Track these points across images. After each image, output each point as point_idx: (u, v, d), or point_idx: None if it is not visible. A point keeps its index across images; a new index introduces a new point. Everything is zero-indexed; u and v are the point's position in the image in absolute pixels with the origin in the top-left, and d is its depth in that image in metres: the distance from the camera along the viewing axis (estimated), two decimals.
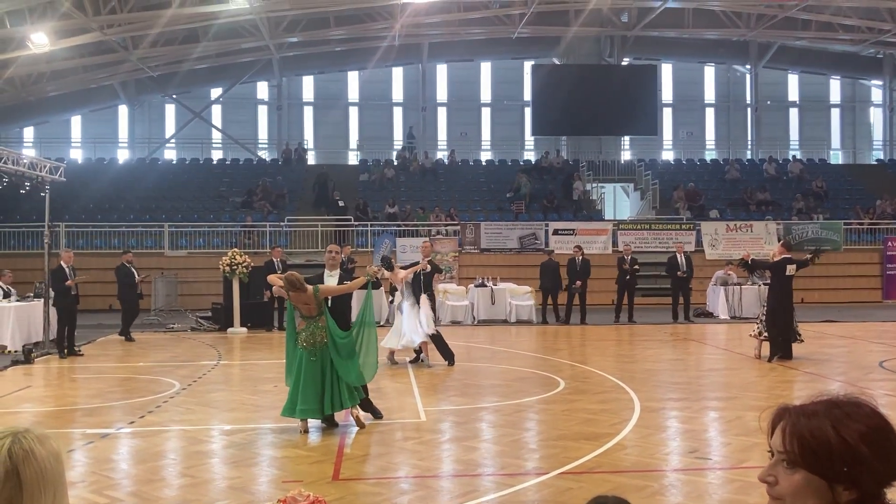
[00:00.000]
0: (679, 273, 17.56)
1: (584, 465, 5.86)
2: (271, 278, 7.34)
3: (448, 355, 10.87)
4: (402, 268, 11.33)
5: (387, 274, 10.82)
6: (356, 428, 7.06)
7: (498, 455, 6.29)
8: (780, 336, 10.64)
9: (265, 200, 26.07)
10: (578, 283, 16.81)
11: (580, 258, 17.86)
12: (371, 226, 23.91)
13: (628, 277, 17.46)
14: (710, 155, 33.50)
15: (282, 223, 23.76)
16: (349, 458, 6.10)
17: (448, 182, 28.85)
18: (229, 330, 16.22)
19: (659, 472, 5.76)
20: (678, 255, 17.90)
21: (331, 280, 7.50)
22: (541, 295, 17.88)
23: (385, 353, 11.30)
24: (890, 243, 23.24)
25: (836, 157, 34.07)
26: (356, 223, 24.06)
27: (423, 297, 10.78)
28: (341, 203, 25.48)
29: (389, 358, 11.17)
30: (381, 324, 17.11)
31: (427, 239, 18.18)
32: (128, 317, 14.76)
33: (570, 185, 26.88)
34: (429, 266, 11.06)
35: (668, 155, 33.68)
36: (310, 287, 6.91)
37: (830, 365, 11.14)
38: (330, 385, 6.89)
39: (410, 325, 10.65)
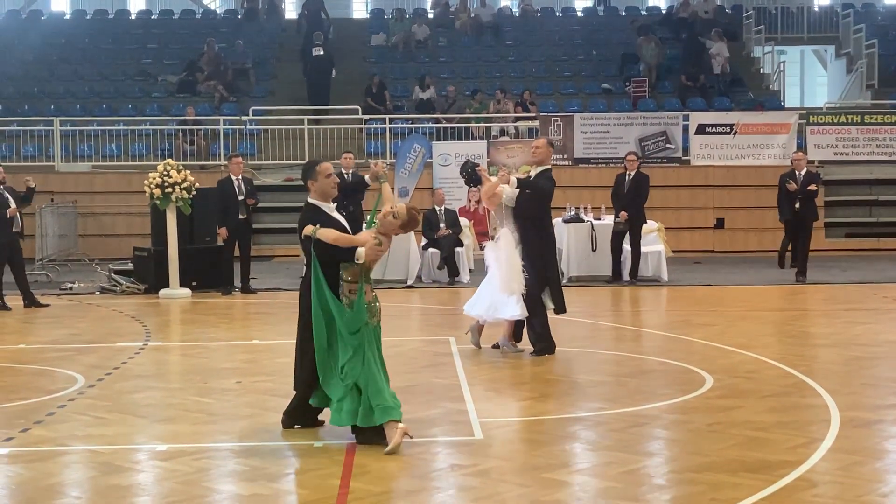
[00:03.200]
0: None
1: None
2: (329, 233, 7.36)
3: (541, 337, 11.03)
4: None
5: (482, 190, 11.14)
6: (379, 446, 7.24)
7: (602, 496, 6.36)
8: None
9: (216, 80, 26.31)
10: (624, 215, 16.89)
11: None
12: (390, 122, 23.98)
13: (798, 206, 17.37)
14: None
15: (244, 118, 24.01)
16: (360, 500, 6.25)
17: (519, 47, 28.68)
18: (162, 292, 16.61)
19: None
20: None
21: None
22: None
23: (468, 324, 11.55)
24: None
25: None
26: (366, 117, 24.17)
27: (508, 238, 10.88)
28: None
29: (474, 333, 11.41)
30: (410, 284, 17.37)
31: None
32: None
33: (701, 50, 26.42)
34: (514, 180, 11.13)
35: None
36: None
37: None
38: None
39: (505, 283, 10.79)
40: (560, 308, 11.23)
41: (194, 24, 30.52)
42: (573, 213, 18.27)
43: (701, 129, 22.77)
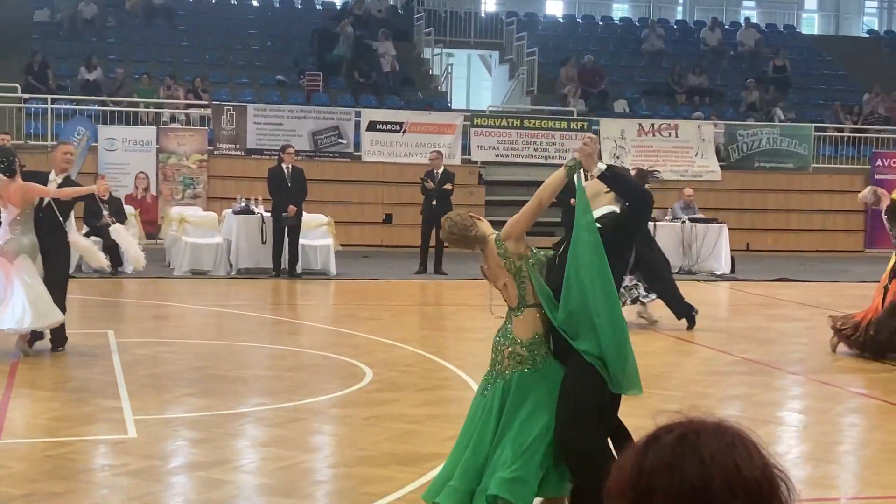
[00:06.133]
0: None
1: None
2: None
3: None
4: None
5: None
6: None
7: (257, 493, 6.38)
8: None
9: None
10: (293, 209, 17.12)
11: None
12: (53, 102, 22.91)
13: (434, 203, 18.13)
14: (619, 12, 34.87)
15: None
16: None
17: (193, 33, 28.13)
18: None
19: None
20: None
21: None
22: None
23: None
24: (880, 161, 25.35)
25: (811, 24, 36.63)
26: (26, 96, 22.97)
27: None
28: None
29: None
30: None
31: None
32: None
33: (367, 49, 26.90)
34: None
35: (554, 8, 34.63)
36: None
37: (776, 349, 12.15)
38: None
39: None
40: None
41: None
42: (244, 204, 18.14)
43: (372, 126, 23.15)
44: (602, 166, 5.62)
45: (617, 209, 5.75)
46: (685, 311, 12.65)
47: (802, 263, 20.78)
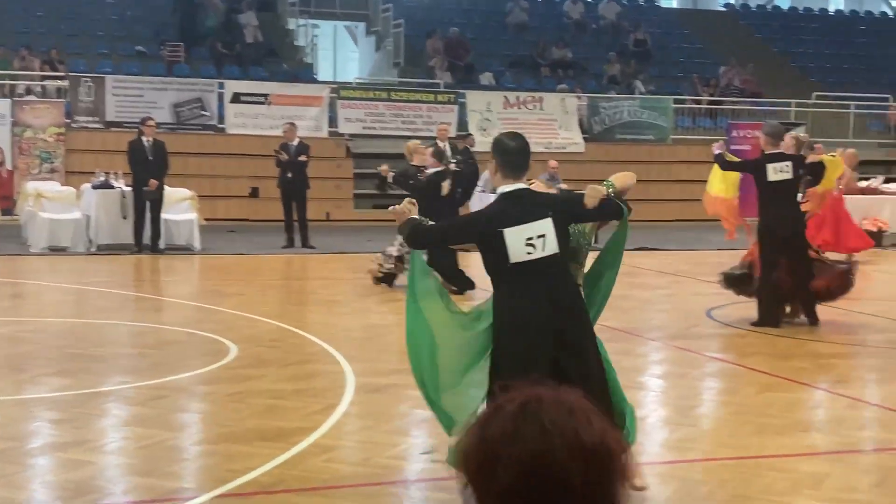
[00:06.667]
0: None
1: (259, 482, 6.04)
2: None
3: None
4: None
5: None
6: None
7: (121, 472, 6.28)
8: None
9: None
10: (154, 183, 16.83)
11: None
12: None
13: (290, 175, 18.06)
14: None
15: None
16: None
17: (48, 2, 27.25)
18: None
19: (378, 485, 6.14)
20: (440, 144, 18.69)
21: None
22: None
23: None
24: (736, 132, 26.04)
25: None
26: None
27: None
28: None
29: None
30: None
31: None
32: None
33: (229, 19, 26.55)
34: None
35: None
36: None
37: (637, 316, 12.44)
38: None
39: None
40: None
41: None
42: (103, 179, 17.73)
43: (236, 98, 22.84)
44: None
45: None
46: None
47: (663, 233, 21.26)
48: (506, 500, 1.85)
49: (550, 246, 5.52)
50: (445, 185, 13.28)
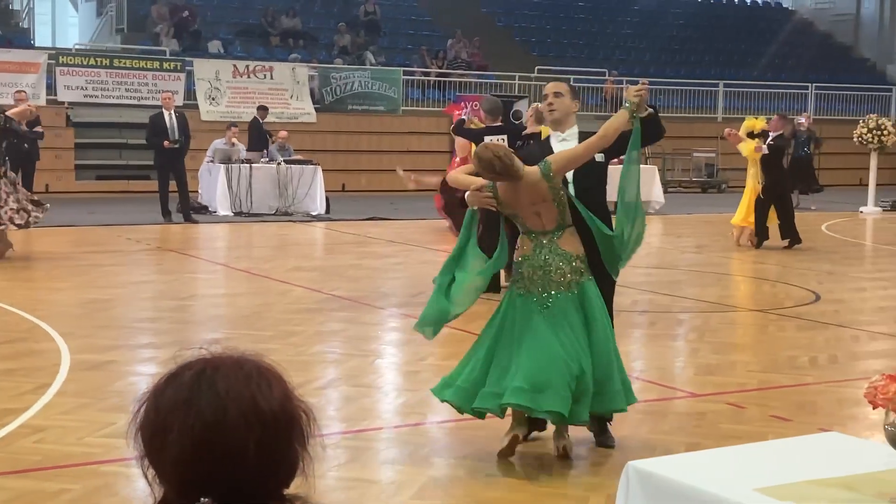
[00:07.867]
0: (167, 143, 17.82)
1: None
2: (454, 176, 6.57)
3: None
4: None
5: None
6: None
7: None
8: None
9: None
10: None
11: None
12: None
13: (27, 147, 17.37)
14: None
15: None
16: None
17: None
18: None
19: (91, 464, 5.92)
20: (166, 114, 18.13)
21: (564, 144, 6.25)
22: None
23: None
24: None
25: None
26: None
27: None
28: None
29: None
30: None
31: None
32: None
33: None
34: None
35: None
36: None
37: (366, 285, 12.53)
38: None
39: None
40: None
41: None
42: None
43: None
44: (650, 109, 6.02)
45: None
46: None
47: (393, 202, 21.48)
48: (179, 471, 1.77)
49: None
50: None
